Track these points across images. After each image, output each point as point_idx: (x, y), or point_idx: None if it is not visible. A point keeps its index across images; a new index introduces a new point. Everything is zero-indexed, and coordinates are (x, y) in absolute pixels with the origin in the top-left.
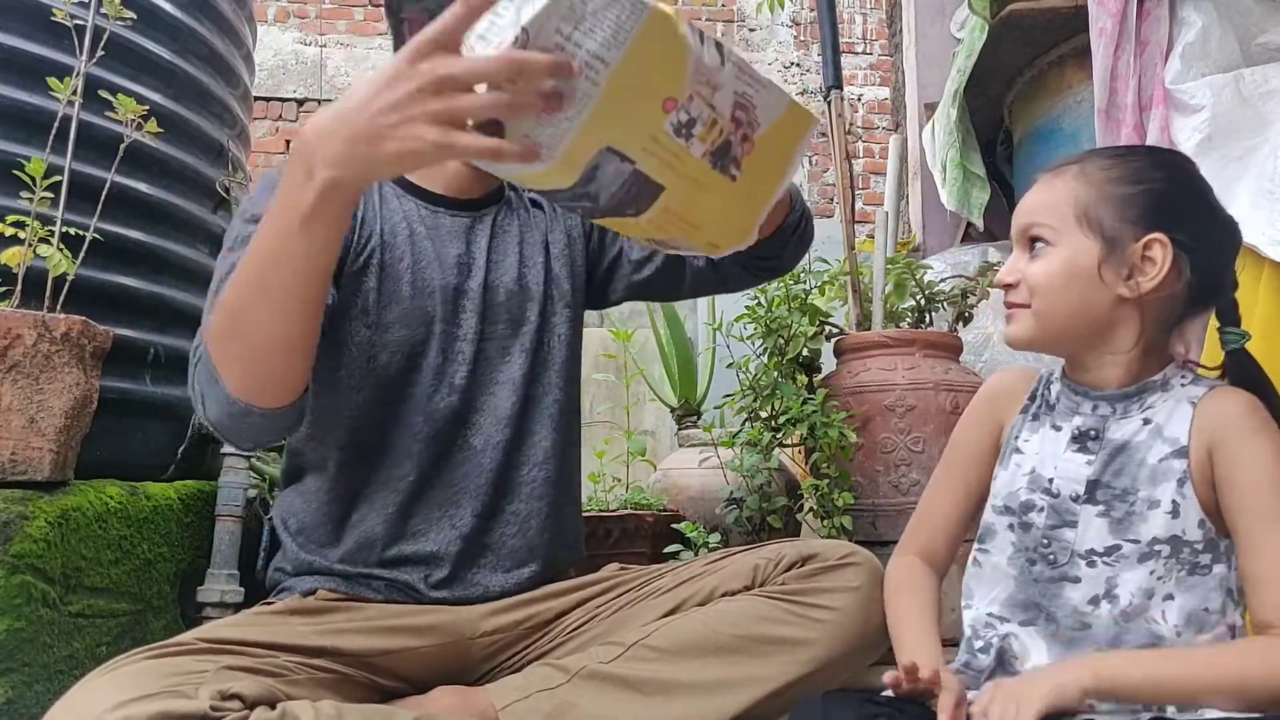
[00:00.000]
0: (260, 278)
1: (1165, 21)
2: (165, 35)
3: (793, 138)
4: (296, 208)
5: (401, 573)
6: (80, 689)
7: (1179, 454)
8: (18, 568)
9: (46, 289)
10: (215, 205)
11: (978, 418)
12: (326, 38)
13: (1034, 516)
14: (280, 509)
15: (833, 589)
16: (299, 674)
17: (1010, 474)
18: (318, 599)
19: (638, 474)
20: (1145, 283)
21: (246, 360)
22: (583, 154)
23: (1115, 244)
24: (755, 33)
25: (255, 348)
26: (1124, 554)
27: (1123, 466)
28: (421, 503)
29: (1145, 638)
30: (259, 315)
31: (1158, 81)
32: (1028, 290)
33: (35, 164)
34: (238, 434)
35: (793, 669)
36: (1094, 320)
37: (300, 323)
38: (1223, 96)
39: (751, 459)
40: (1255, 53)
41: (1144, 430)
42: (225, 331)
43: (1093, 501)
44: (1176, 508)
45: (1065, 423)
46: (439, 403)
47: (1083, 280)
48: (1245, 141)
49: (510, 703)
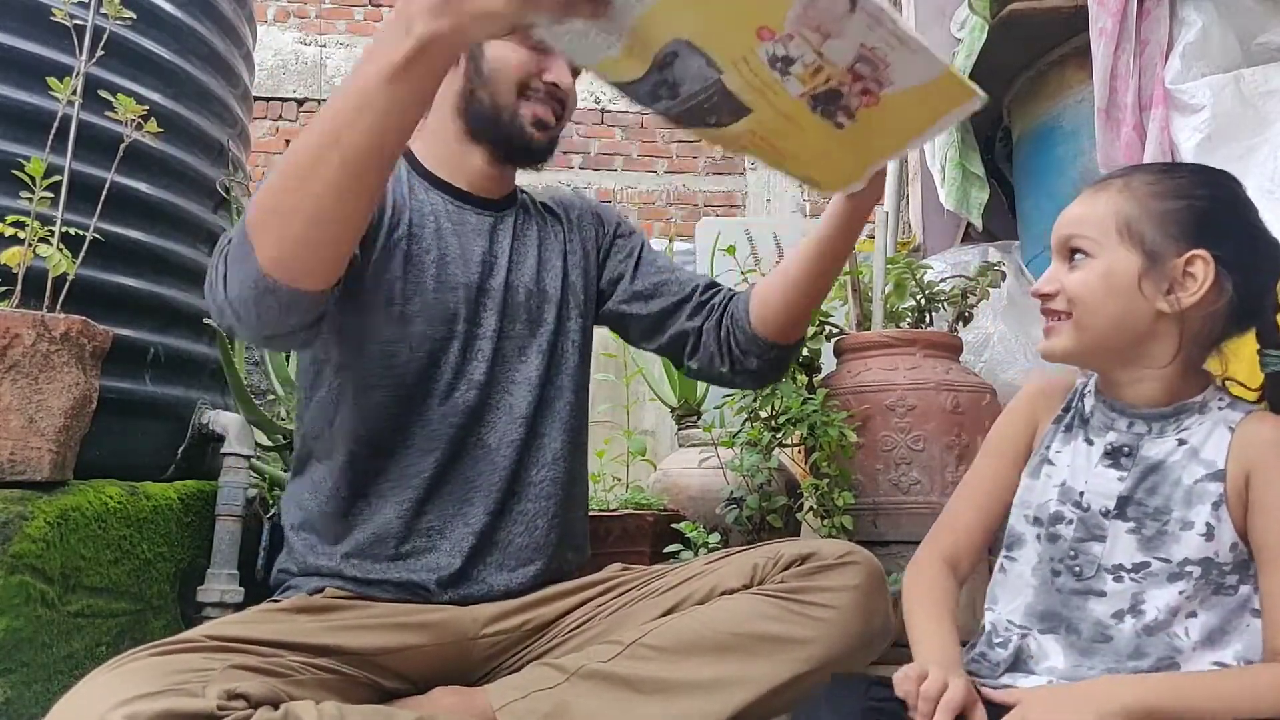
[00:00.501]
0: (334, 132)
1: (1165, 21)
2: (165, 35)
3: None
4: (390, 59)
5: (412, 572)
6: (86, 685)
7: (1215, 477)
8: (17, 568)
9: (46, 289)
10: (215, 205)
11: (1019, 415)
12: (326, 38)
13: (1062, 529)
14: (289, 505)
15: (831, 588)
16: (304, 674)
17: (1041, 484)
18: (325, 597)
19: (638, 474)
20: (1186, 298)
21: (293, 225)
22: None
23: (1156, 258)
24: None
25: (307, 211)
26: (1153, 571)
27: (1156, 485)
28: (436, 499)
29: (1164, 650)
30: (324, 171)
31: (1158, 81)
32: (1066, 300)
33: (35, 164)
34: (251, 318)
35: (791, 667)
36: (1132, 333)
37: (359, 192)
38: (1223, 96)
39: (751, 459)
40: (1255, 53)
41: (1178, 451)
42: (279, 190)
43: (1123, 517)
44: (1211, 530)
45: (1099, 438)
46: (458, 399)
47: (1123, 292)
48: (1245, 141)
49: (508, 702)
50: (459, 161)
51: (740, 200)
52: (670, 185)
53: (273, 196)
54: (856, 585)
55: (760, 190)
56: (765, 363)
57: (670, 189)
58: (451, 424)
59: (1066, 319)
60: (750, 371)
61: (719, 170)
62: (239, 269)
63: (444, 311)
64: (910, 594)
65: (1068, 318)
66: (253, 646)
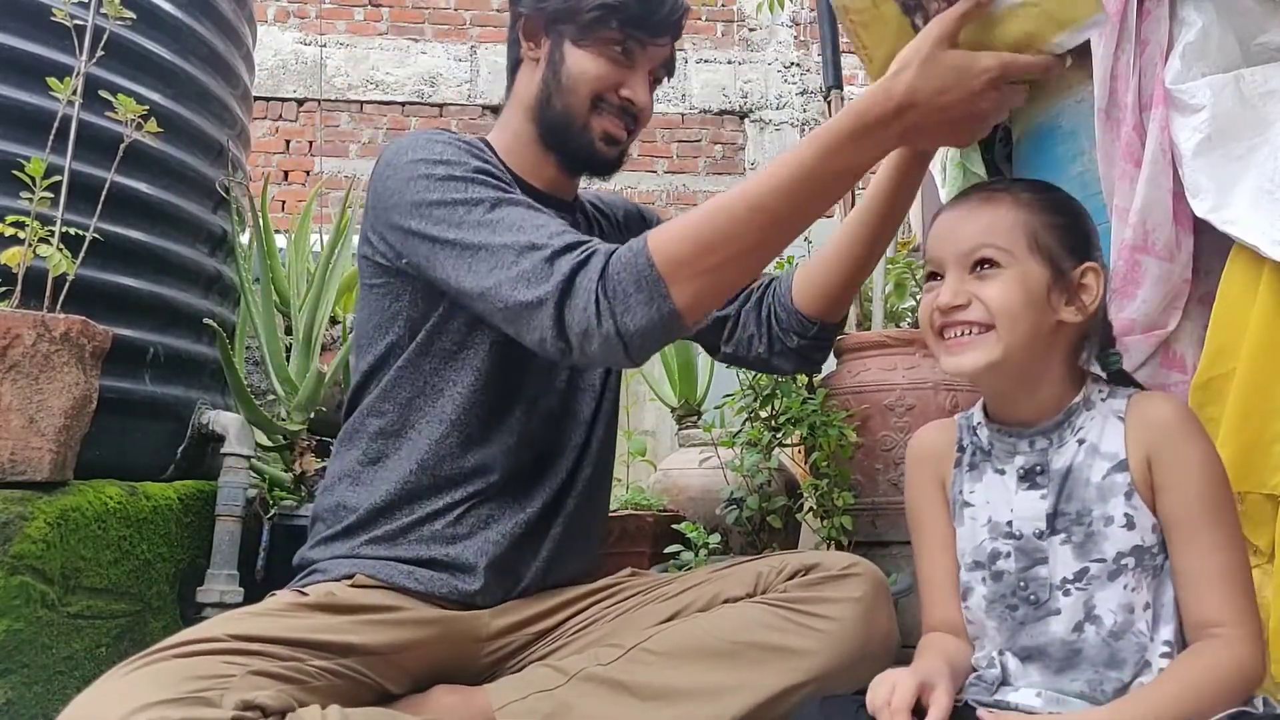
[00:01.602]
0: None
1: (1165, 21)
2: (165, 35)
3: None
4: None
5: (450, 569)
6: (103, 685)
7: (1119, 468)
8: (17, 568)
9: (46, 289)
10: (215, 205)
11: (922, 483)
12: (326, 38)
13: (1003, 563)
14: (340, 491)
15: (834, 599)
16: (319, 680)
17: (968, 529)
18: (354, 583)
19: (638, 474)
20: (1090, 306)
21: (718, 276)
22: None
23: (1060, 270)
24: (755, 32)
25: (733, 266)
26: (1094, 575)
27: (1072, 491)
28: (495, 501)
29: (1135, 653)
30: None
31: (1158, 81)
32: (984, 311)
33: (35, 164)
34: (647, 347)
35: (790, 677)
36: (1040, 345)
37: (781, 245)
38: (1223, 96)
39: (752, 459)
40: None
41: (1080, 451)
42: (708, 244)
43: (1054, 532)
44: (1130, 519)
45: (1007, 465)
46: (541, 405)
47: (1037, 303)
48: (1245, 141)
49: (507, 703)
50: (536, 164)
51: None
52: (670, 185)
53: (699, 247)
54: (859, 597)
55: None
56: (807, 342)
57: (670, 189)
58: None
59: (984, 331)
60: (790, 351)
61: (719, 170)
62: (649, 309)
63: None
64: (916, 656)
65: (984, 330)
66: (273, 648)
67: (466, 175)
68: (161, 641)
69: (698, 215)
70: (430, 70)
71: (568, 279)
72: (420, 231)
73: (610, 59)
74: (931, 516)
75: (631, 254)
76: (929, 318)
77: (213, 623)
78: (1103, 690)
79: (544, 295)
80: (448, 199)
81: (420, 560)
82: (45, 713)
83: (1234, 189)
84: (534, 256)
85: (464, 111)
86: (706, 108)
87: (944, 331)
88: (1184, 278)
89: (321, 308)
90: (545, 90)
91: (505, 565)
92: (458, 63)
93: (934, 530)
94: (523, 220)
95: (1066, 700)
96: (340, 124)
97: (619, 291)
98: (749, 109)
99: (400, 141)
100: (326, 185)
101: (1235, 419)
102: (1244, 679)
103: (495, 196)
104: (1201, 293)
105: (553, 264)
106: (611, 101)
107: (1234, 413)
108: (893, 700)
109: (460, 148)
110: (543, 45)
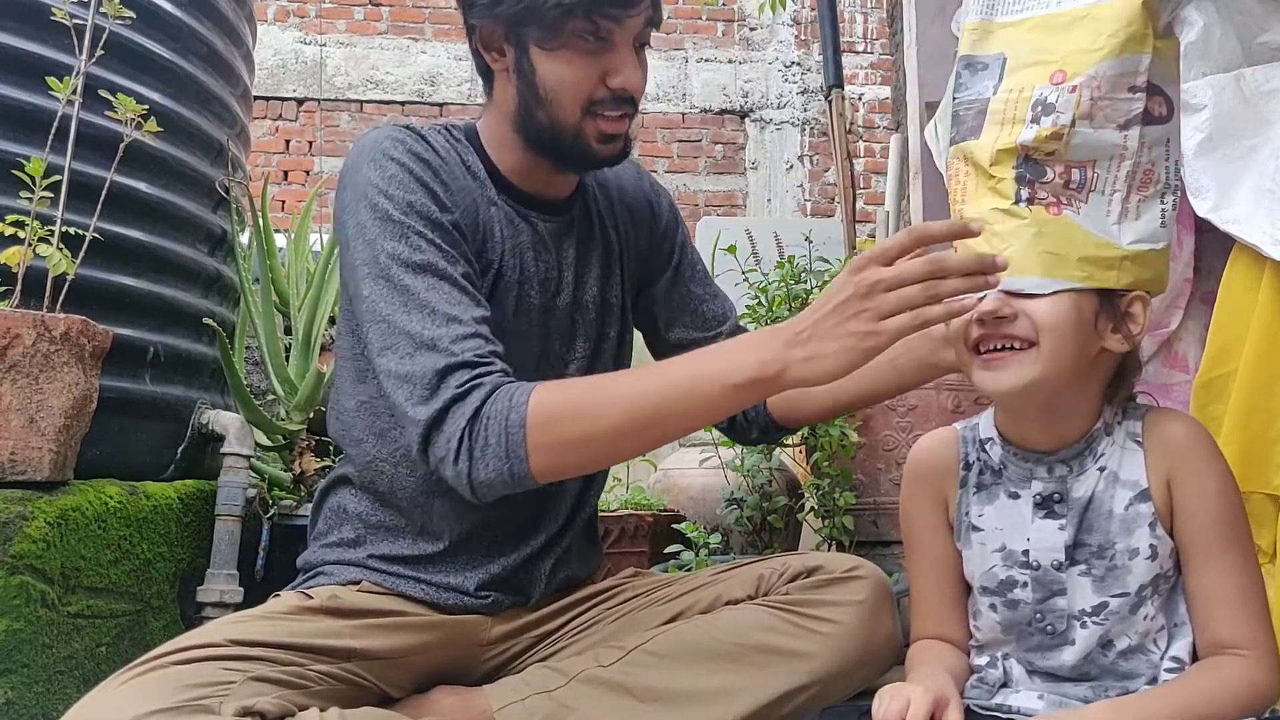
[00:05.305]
0: (661, 412)
1: None
2: (165, 35)
3: None
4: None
5: (458, 591)
6: (103, 692)
7: (1142, 497)
8: (17, 568)
9: (46, 289)
10: (215, 205)
11: (918, 500)
12: (326, 37)
13: (1019, 593)
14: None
15: (836, 602)
16: (320, 685)
17: (977, 553)
18: (359, 588)
19: (638, 474)
20: (1136, 337)
21: (578, 457)
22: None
23: (1108, 296)
24: (756, 32)
25: (599, 454)
26: (1113, 610)
27: (1093, 522)
28: (510, 511)
29: (1148, 669)
30: (636, 438)
31: None
32: (1030, 326)
33: (35, 164)
34: (488, 494)
35: (791, 680)
36: (1080, 372)
37: (655, 442)
38: (1224, 96)
39: (752, 459)
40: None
41: (1101, 480)
42: (577, 434)
43: (1074, 563)
44: (1155, 550)
45: (1023, 490)
46: None
47: (1086, 327)
48: (1246, 141)
49: (507, 704)
50: (528, 167)
51: (741, 200)
52: (670, 185)
53: (567, 432)
54: (862, 600)
55: (761, 190)
56: (763, 435)
57: (671, 188)
58: None
59: (1025, 348)
60: (746, 438)
61: (719, 170)
62: (501, 465)
63: (518, 335)
64: (908, 663)
65: (1026, 347)
66: (274, 653)
67: (402, 219)
68: (161, 647)
69: (583, 388)
70: (430, 70)
71: (443, 410)
72: (353, 262)
73: (586, 53)
74: (930, 539)
75: (509, 405)
76: (964, 328)
77: (213, 626)
78: (1108, 697)
79: (417, 416)
80: (377, 242)
81: (426, 579)
82: (45, 713)
83: (1235, 188)
84: (425, 363)
85: (465, 111)
86: (707, 107)
87: (980, 345)
88: (1185, 277)
89: (321, 308)
90: (523, 103)
91: (514, 583)
92: (458, 62)
93: (931, 552)
94: (436, 302)
95: (1069, 704)
96: (340, 124)
97: (480, 440)
98: (750, 108)
99: (363, 143)
100: (326, 185)
101: (1238, 418)
102: (1257, 695)
103: (420, 260)
104: (1203, 292)
105: (438, 384)
106: (603, 98)
107: (1236, 412)
108: (908, 718)
109: (410, 174)
110: (507, 54)
